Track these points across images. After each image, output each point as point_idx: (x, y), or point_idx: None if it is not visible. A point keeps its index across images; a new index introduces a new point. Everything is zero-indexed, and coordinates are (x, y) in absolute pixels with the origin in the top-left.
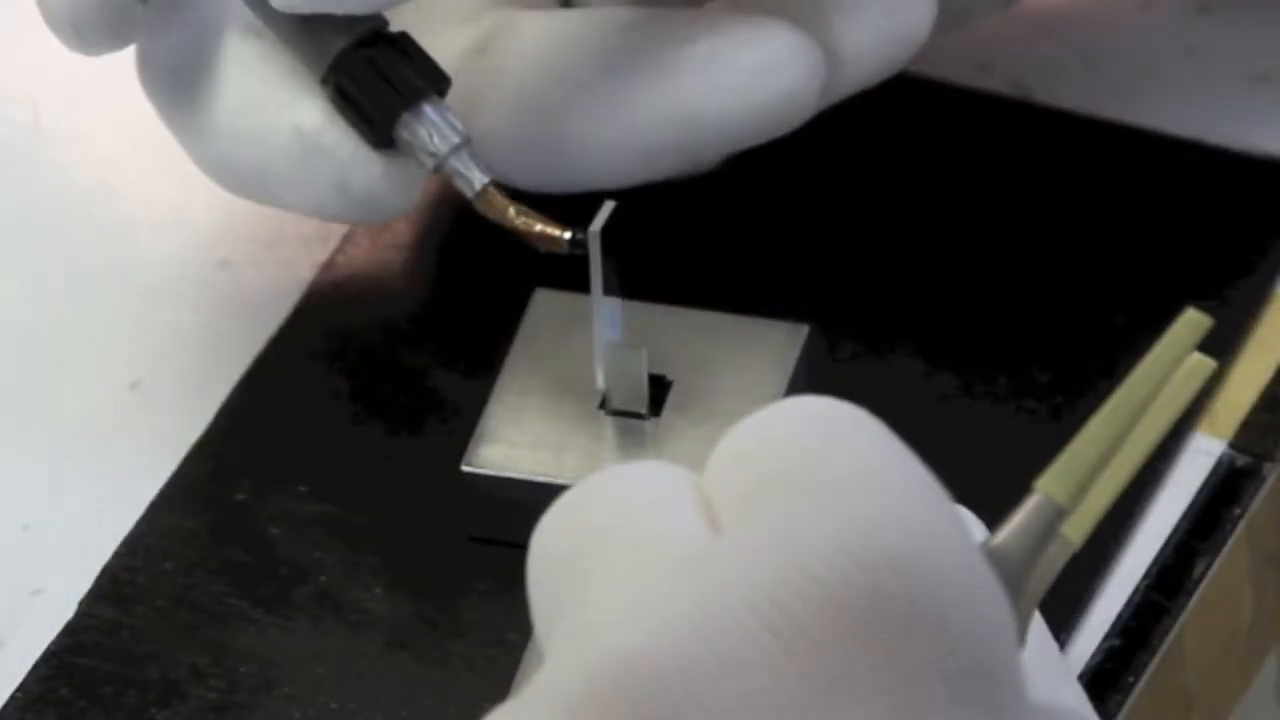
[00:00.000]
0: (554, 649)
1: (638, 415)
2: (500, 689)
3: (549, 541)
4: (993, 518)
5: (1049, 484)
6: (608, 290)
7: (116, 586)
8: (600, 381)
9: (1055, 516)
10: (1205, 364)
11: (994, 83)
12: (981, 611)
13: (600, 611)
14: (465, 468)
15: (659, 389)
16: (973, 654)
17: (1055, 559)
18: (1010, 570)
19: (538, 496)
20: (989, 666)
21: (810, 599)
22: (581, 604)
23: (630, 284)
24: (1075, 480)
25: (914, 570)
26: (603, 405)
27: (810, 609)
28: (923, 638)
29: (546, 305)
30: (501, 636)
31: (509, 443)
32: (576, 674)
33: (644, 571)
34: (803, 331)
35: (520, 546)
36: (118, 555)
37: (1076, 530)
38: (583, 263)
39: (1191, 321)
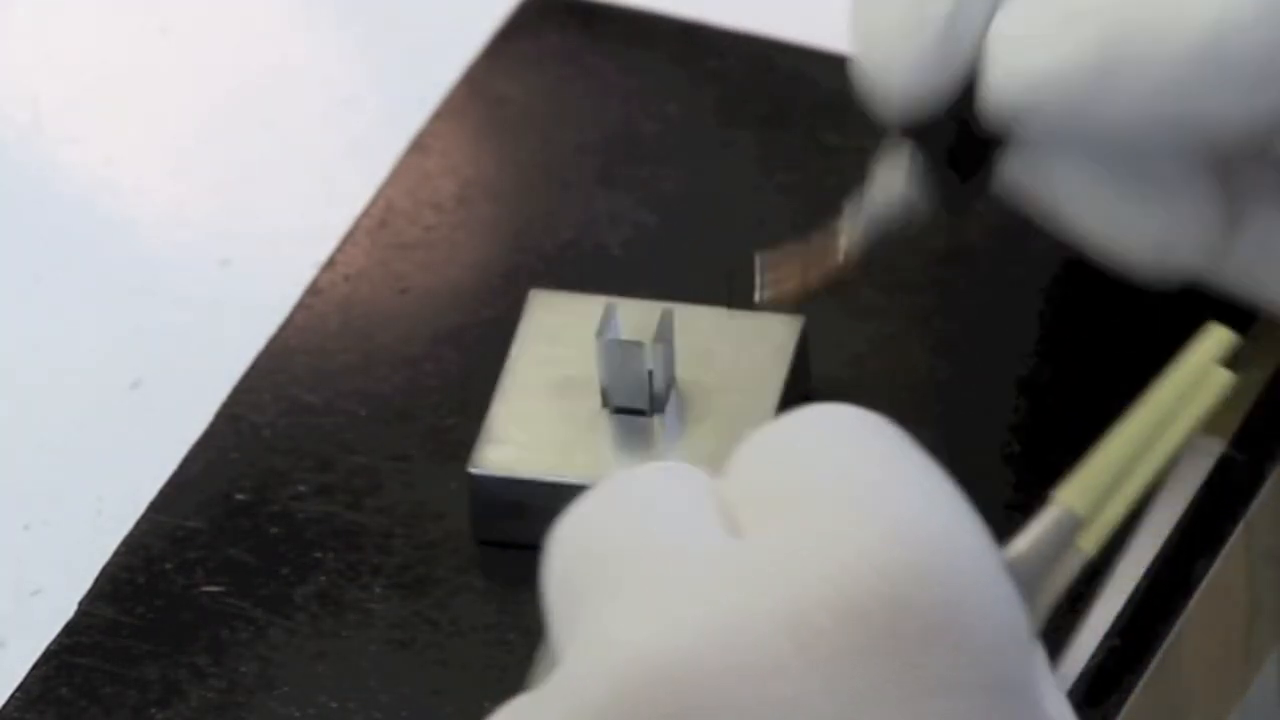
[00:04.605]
0: (574, 652)
1: (640, 412)
2: (500, 689)
3: (568, 543)
4: (992, 517)
5: (1068, 495)
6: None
7: (116, 586)
8: (601, 379)
9: (1073, 527)
10: (1223, 376)
11: None
12: (1004, 624)
13: (621, 614)
14: (472, 470)
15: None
16: (995, 666)
17: (1069, 568)
18: (1026, 580)
19: (545, 497)
20: (1011, 679)
21: (834, 608)
22: (601, 606)
23: (632, 283)
24: (1095, 492)
25: (938, 581)
26: (605, 403)
27: (834, 618)
28: (946, 648)
29: (543, 305)
30: (501, 636)
31: (514, 444)
32: (599, 678)
33: (667, 576)
34: (798, 323)
35: (528, 548)
36: (118, 555)
37: (1091, 540)
38: (578, 263)
39: (1215, 337)
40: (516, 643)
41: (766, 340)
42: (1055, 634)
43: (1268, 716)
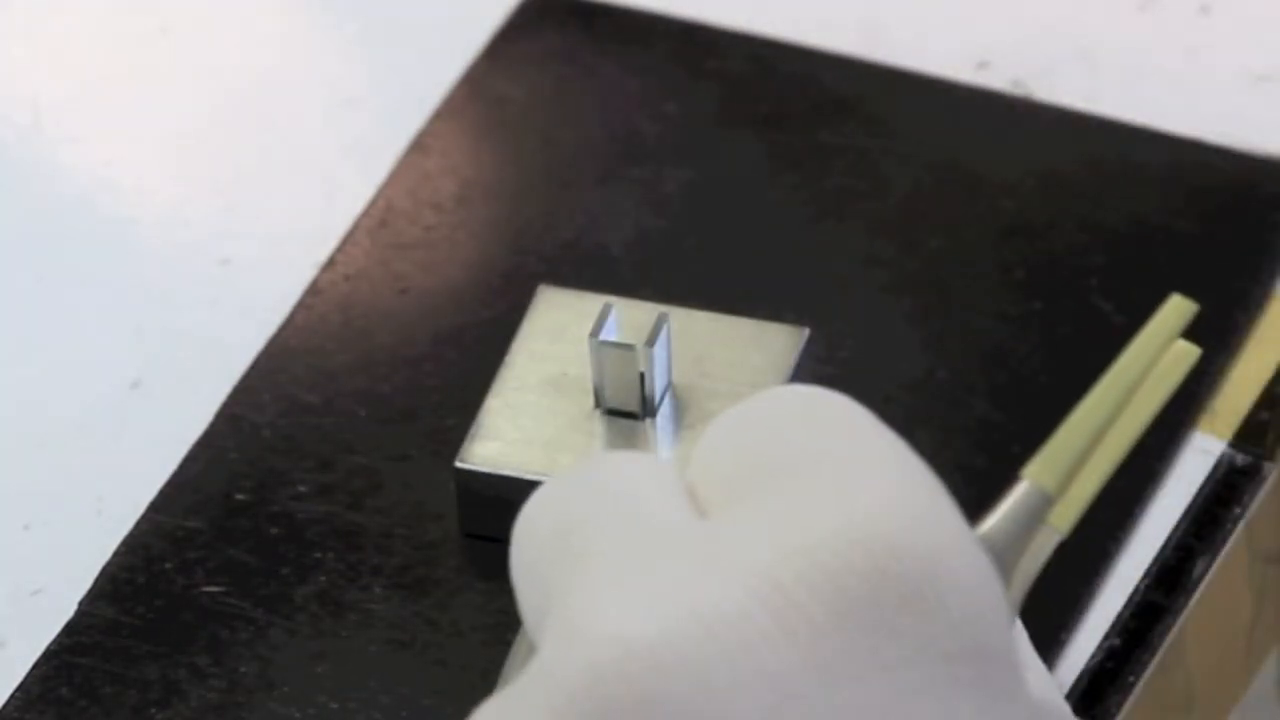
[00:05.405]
0: (548, 637)
1: (631, 415)
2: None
3: (533, 530)
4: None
5: (1036, 471)
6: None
7: (116, 586)
8: (594, 380)
9: (1042, 504)
10: (1191, 351)
11: (994, 82)
12: (978, 595)
13: (595, 598)
14: (458, 464)
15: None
16: (970, 636)
17: (1042, 547)
18: (998, 556)
19: (529, 495)
20: (986, 648)
21: (811, 581)
22: (574, 591)
23: (632, 283)
24: (1062, 467)
25: (913, 553)
26: (598, 404)
27: (811, 591)
28: (922, 618)
29: (550, 302)
30: (502, 636)
31: (503, 440)
32: (576, 661)
33: (637, 557)
34: (803, 334)
35: None
36: (118, 555)
37: (1063, 519)
38: (578, 263)
39: (1177, 307)
40: None
41: (766, 347)
42: (1056, 634)
43: (1268, 716)
